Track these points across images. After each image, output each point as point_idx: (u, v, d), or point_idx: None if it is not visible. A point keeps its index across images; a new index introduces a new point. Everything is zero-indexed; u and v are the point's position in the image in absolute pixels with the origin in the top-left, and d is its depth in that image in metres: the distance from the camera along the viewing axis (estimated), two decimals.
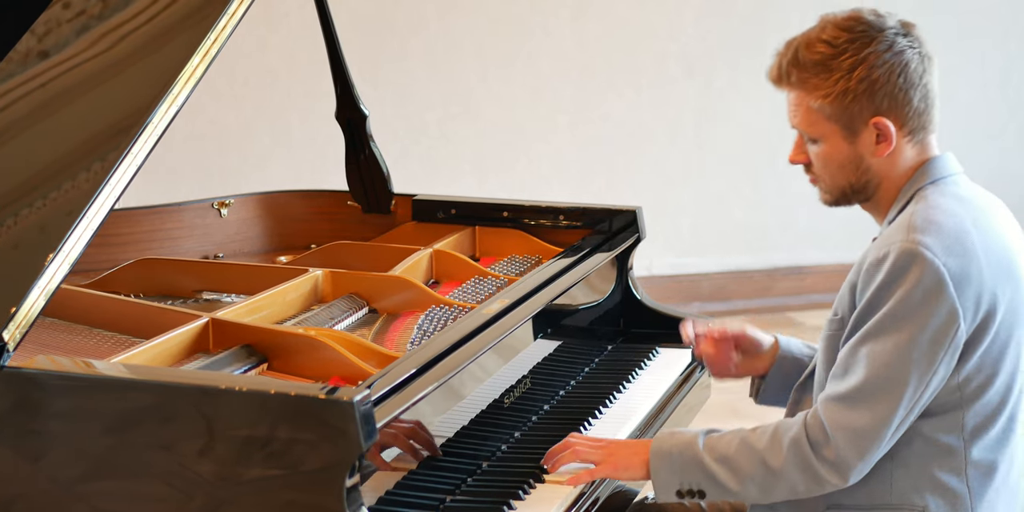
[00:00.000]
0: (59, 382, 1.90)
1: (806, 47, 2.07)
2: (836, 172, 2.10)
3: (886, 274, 1.97)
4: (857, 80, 2.03)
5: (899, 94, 2.04)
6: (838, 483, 2.01)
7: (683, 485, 2.08)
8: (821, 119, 2.07)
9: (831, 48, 2.05)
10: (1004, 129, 6.01)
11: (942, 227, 2.00)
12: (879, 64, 2.03)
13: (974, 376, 2.02)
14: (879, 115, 2.05)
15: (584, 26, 5.47)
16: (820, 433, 2.00)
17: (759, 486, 2.04)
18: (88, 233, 1.98)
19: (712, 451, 2.07)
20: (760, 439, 2.05)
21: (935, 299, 1.95)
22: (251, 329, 2.29)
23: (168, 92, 2.08)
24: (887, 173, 2.10)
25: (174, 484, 1.84)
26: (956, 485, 2.04)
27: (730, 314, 5.65)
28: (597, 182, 5.58)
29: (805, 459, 2.00)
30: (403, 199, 3.18)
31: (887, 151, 2.07)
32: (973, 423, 2.04)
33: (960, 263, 1.97)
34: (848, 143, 2.08)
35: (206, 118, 5.03)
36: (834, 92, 2.04)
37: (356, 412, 1.76)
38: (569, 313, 2.74)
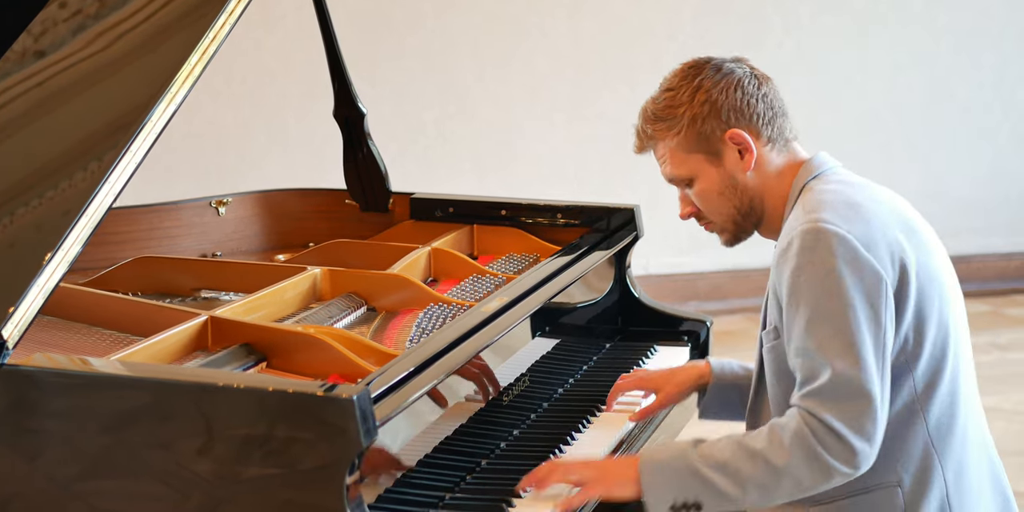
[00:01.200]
0: (57, 380, 1.90)
1: (651, 103, 2.23)
2: (719, 202, 2.19)
3: (797, 257, 2.02)
4: (699, 103, 2.16)
5: (742, 106, 2.15)
6: (849, 471, 2.00)
7: (678, 499, 2.04)
8: (684, 155, 2.19)
9: (669, 91, 2.20)
10: (999, 129, 6.01)
11: (833, 202, 2.07)
12: (713, 86, 2.16)
13: (911, 334, 2.05)
14: (730, 127, 2.15)
15: (581, 24, 5.48)
16: (819, 425, 2.00)
17: (761, 488, 2.02)
18: (86, 232, 1.98)
19: (707, 459, 2.04)
20: (757, 440, 2.03)
21: (855, 266, 2.00)
22: (250, 327, 2.28)
23: (166, 91, 2.07)
24: (764, 186, 2.18)
25: (172, 483, 1.84)
26: (921, 449, 2.07)
27: (727, 313, 5.66)
28: (594, 181, 5.59)
29: (811, 451, 1.99)
30: (401, 197, 3.18)
31: (752, 161, 2.16)
32: (923, 383, 2.07)
33: (862, 227, 2.03)
34: (716, 167, 2.17)
35: (204, 117, 5.03)
36: (684, 123, 2.17)
37: (356, 410, 1.76)
38: (567, 311, 2.74)
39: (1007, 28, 5.92)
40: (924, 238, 2.12)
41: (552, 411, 2.50)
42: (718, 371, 2.41)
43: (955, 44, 5.86)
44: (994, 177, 5.98)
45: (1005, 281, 5.93)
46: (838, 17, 5.69)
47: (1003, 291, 5.86)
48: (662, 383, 2.44)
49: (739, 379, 2.40)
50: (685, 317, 2.98)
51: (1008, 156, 6.03)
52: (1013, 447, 4.20)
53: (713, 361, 2.42)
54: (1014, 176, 6.04)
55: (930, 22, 5.82)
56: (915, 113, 5.88)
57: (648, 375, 2.47)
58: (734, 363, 2.42)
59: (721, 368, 2.41)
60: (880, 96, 5.81)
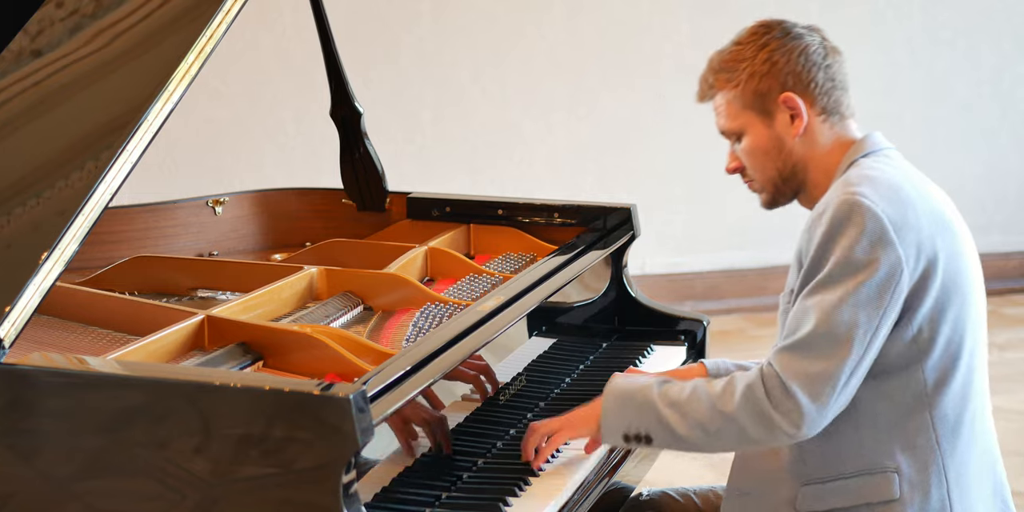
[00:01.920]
0: (53, 379, 1.90)
1: (717, 54, 2.26)
2: (763, 162, 2.22)
3: (827, 226, 2.05)
4: (761, 62, 2.19)
5: (802, 72, 2.18)
6: (791, 431, 2.02)
7: (631, 428, 2.12)
8: (738, 109, 2.21)
9: (738, 45, 2.24)
10: (998, 128, 6.02)
11: (876, 180, 2.09)
12: (779, 47, 2.20)
13: (925, 327, 2.07)
14: (785, 90, 2.18)
15: (577, 24, 5.48)
16: (775, 381, 2.03)
17: (706, 431, 2.07)
18: (83, 231, 1.98)
19: (664, 396, 2.11)
20: (715, 387, 2.09)
21: (878, 245, 2.02)
22: (246, 326, 2.28)
23: (163, 90, 2.07)
24: (809, 155, 2.20)
25: (168, 482, 1.83)
26: (925, 443, 2.08)
27: (724, 312, 5.66)
28: (590, 180, 5.59)
29: (758, 405, 2.03)
30: (398, 197, 3.18)
31: (801, 127, 2.18)
32: (933, 378, 2.08)
33: (897, 210, 2.05)
34: (766, 127, 2.20)
35: (200, 116, 5.03)
36: (743, 78, 2.20)
37: (352, 409, 1.76)
38: (564, 310, 2.74)
39: (1006, 27, 5.93)
40: (958, 238, 2.13)
41: (549, 410, 2.50)
42: (713, 372, 2.41)
43: (954, 43, 5.87)
44: (993, 176, 5.99)
45: (1003, 281, 5.93)
46: (835, 17, 5.69)
47: (1001, 291, 5.87)
48: None
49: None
50: (682, 317, 2.98)
51: (1007, 155, 6.04)
52: (1013, 447, 4.21)
53: (707, 362, 2.43)
54: (1013, 175, 6.05)
55: (929, 21, 5.82)
56: (914, 112, 5.88)
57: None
58: (728, 362, 2.43)
59: (716, 368, 2.41)
60: (879, 95, 5.81)
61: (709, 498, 2.42)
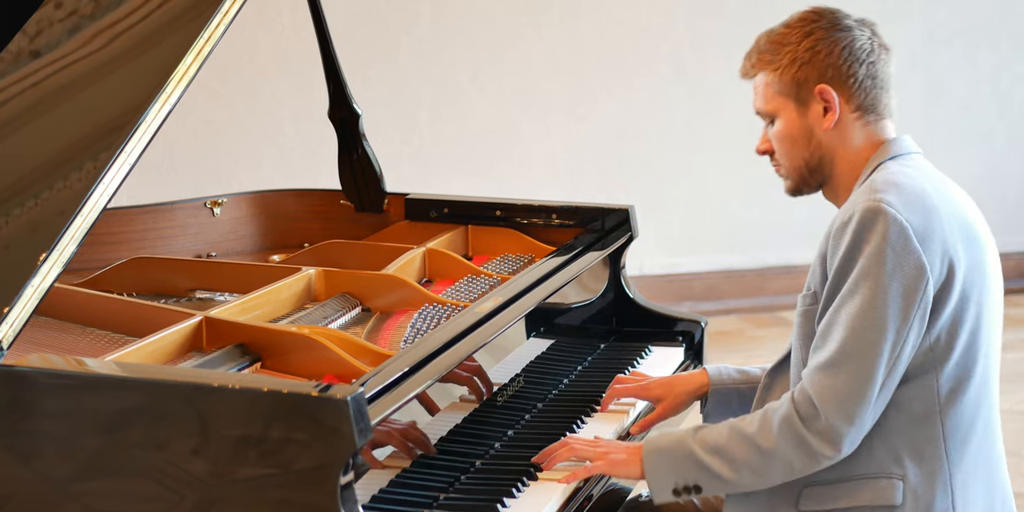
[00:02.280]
0: (52, 380, 1.90)
1: (767, 34, 2.23)
2: (791, 148, 2.20)
3: (852, 234, 2.03)
4: (804, 49, 2.17)
5: (843, 66, 2.16)
6: (832, 454, 2.03)
7: (679, 482, 2.10)
8: (775, 94, 2.20)
9: (786, 28, 2.21)
10: (995, 128, 6.02)
11: (902, 186, 2.07)
12: (825, 37, 2.17)
13: (944, 336, 2.05)
14: (823, 82, 2.16)
15: (575, 25, 5.48)
16: (808, 406, 2.03)
17: (754, 471, 2.06)
18: (81, 232, 1.98)
19: (703, 444, 2.09)
20: (750, 424, 2.08)
21: (903, 254, 2.00)
22: (245, 328, 2.28)
23: (161, 91, 2.07)
24: (838, 149, 2.18)
25: (167, 483, 1.83)
26: (933, 452, 2.07)
27: (722, 313, 5.66)
28: (588, 181, 5.59)
29: (797, 434, 2.02)
30: (396, 198, 3.18)
31: (833, 120, 2.17)
32: (947, 388, 2.07)
33: (922, 219, 2.03)
34: (799, 115, 2.18)
35: (198, 117, 5.03)
36: (783, 63, 2.18)
37: (350, 410, 1.76)
38: (562, 312, 2.74)
39: (1004, 27, 5.93)
40: (981, 246, 2.12)
41: (547, 411, 2.50)
42: (715, 378, 2.41)
43: (952, 43, 5.87)
44: (991, 176, 5.99)
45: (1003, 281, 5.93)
46: None
47: None
48: (662, 393, 2.44)
49: (737, 383, 2.40)
50: (680, 318, 2.98)
51: (1005, 155, 6.04)
52: (1012, 448, 4.20)
53: (710, 368, 2.43)
54: (1011, 175, 6.05)
55: (927, 21, 5.83)
56: (912, 112, 5.88)
57: (647, 384, 2.47)
58: (730, 368, 2.43)
59: (719, 374, 2.41)
60: None
61: (708, 499, 2.42)
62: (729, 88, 5.63)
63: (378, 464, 2.05)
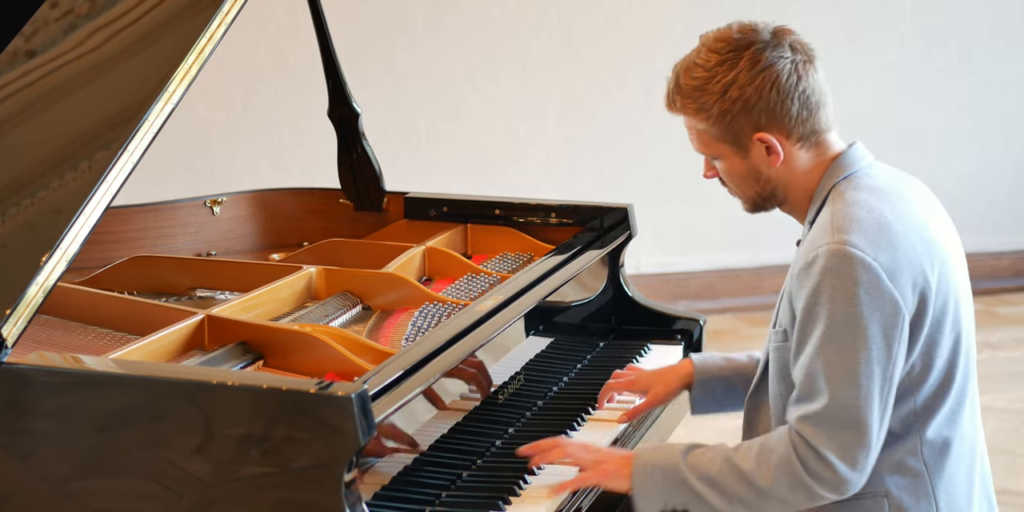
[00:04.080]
0: (51, 378, 1.90)
1: (685, 73, 2.12)
2: (741, 184, 2.16)
3: (818, 277, 1.98)
4: (731, 101, 2.07)
5: (775, 107, 2.07)
6: (832, 496, 2.01)
7: (667, 505, 2.07)
8: (711, 140, 2.12)
9: (705, 71, 2.10)
10: (990, 128, 6.03)
11: (863, 223, 2.01)
12: (748, 82, 2.07)
13: (918, 361, 2.04)
14: (760, 131, 2.08)
15: (572, 25, 5.49)
16: (808, 452, 1.99)
17: (747, 506, 2.04)
18: (84, 232, 1.97)
19: (695, 470, 2.05)
20: (745, 459, 2.04)
21: (876, 295, 1.96)
22: (246, 326, 2.29)
23: (163, 90, 2.07)
24: (789, 179, 2.13)
25: (167, 482, 1.83)
26: (914, 465, 2.06)
27: (718, 312, 5.67)
28: (586, 181, 5.60)
29: (797, 478, 2.00)
30: (395, 197, 3.18)
31: (778, 162, 2.11)
32: (924, 404, 2.06)
33: (889, 255, 1.99)
34: (741, 159, 2.12)
35: (196, 116, 5.03)
36: (713, 114, 2.09)
37: (354, 408, 1.77)
38: (561, 310, 2.75)
39: (997, 27, 5.94)
40: (948, 260, 2.07)
41: (547, 409, 2.51)
42: (699, 366, 2.41)
43: (945, 43, 5.88)
44: (985, 176, 6.00)
45: (996, 280, 5.95)
46: (827, 17, 5.70)
47: (994, 290, 5.88)
48: (652, 383, 2.45)
49: (722, 371, 2.40)
50: (678, 316, 2.99)
51: (999, 155, 6.05)
52: (1003, 445, 4.23)
53: (695, 357, 2.42)
54: (1005, 175, 6.06)
55: (920, 22, 5.83)
56: (906, 113, 5.89)
57: (639, 377, 2.47)
58: (716, 356, 2.42)
59: (703, 362, 2.40)
60: (870, 96, 5.82)
61: None
62: None
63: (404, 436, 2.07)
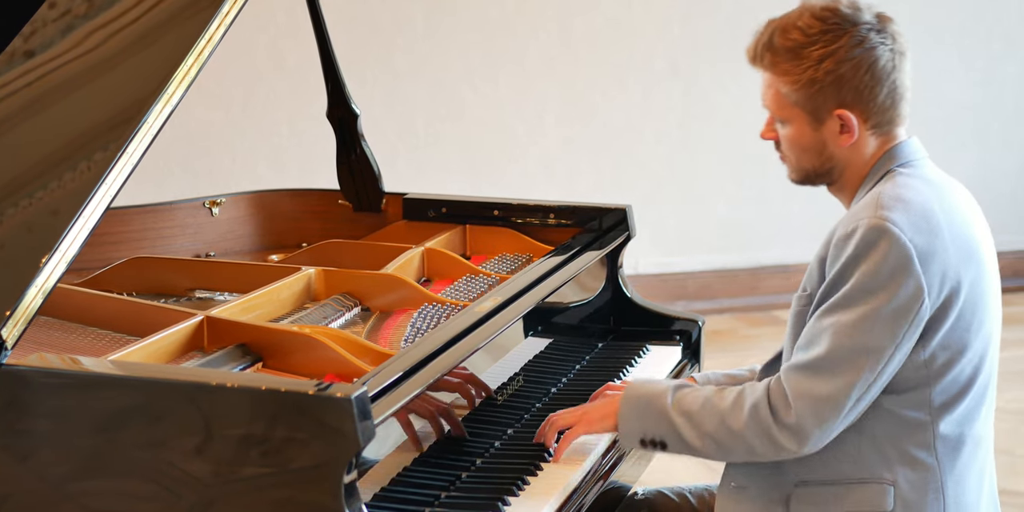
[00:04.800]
0: (50, 380, 1.90)
1: (781, 32, 2.11)
2: (801, 155, 2.16)
3: (854, 248, 2.01)
4: (824, 72, 2.07)
5: (864, 89, 2.08)
6: (794, 449, 2.05)
7: (647, 434, 2.14)
8: (788, 104, 2.12)
9: (804, 36, 2.09)
10: (988, 128, 6.03)
11: (909, 204, 2.04)
12: (847, 59, 2.07)
13: (940, 353, 2.05)
14: (843, 107, 2.10)
15: (570, 26, 5.49)
16: (781, 399, 2.04)
17: (718, 445, 2.09)
18: (84, 233, 1.97)
19: (678, 405, 2.12)
20: (724, 400, 2.10)
21: (901, 274, 1.99)
22: (246, 327, 2.29)
23: (163, 92, 2.06)
24: (849, 161, 2.15)
25: (166, 483, 1.83)
26: (925, 458, 2.07)
27: (716, 312, 5.67)
28: (584, 181, 5.60)
29: (764, 424, 2.05)
30: (394, 198, 3.18)
31: (849, 142, 2.12)
32: (940, 400, 2.07)
33: (926, 240, 2.01)
34: (813, 129, 2.13)
35: (194, 117, 5.03)
36: (802, 80, 2.09)
37: (354, 409, 1.77)
38: (560, 311, 2.75)
39: (996, 27, 5.95)
40: (983, 265, 2.09)
41: (546, 410, 2.50)
42: (703, 383, 2.41)
43: (945, 43, 5.88)
44: (984, 176, 6.00)
45: None
46: None
47: None
48: None
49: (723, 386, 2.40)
50: (677, 317, 2.99)
51: (999, 155, 6.05)
52: (1002, 445, 4.21)
53: (697, 376, 2.43)
54: (1005, 175, 6.06)
55: (919, 22, 5.83)
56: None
57: None
58: (718, 373, 2.44)
59: (707, 380, 2.41)
60: None
61: (704, 498, 2.43)
62: (724, 88, 5.64)
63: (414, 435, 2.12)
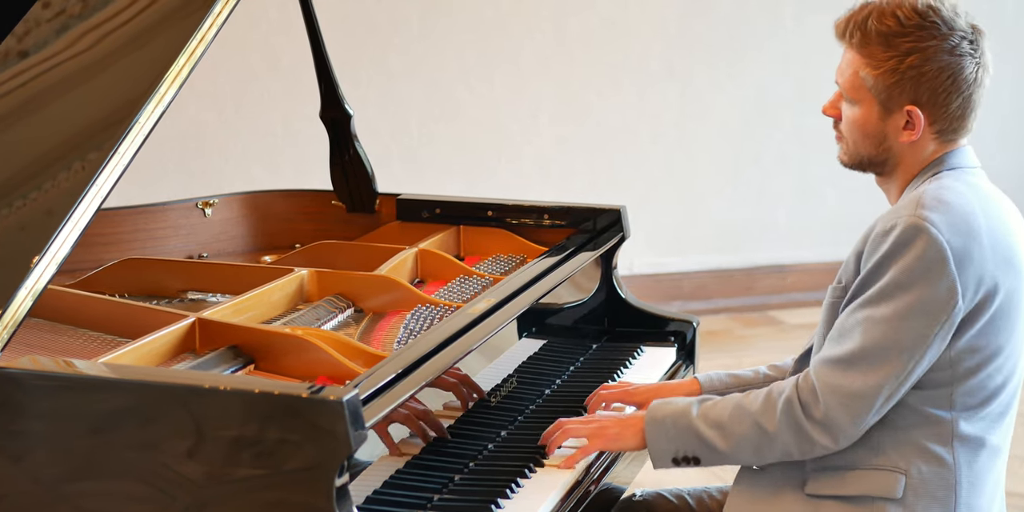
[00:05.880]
0: (42, 382, 1.89)
1: (878, 16, 2.13)
2: (860, 139, 2.17)
3: (891, 245, 2.02)
4: (908, 66, 2.10)
5: (941, 93, 2.11)
6: (828, 445, 2.05)
7: (679, 452, 2.14)
8: (863, 87, 2.14)
9: (900, 26, 2.11)
10: (982, 128, 6.02)
11: (950, 206, 2.05)
12: (935, 59, 2.10)
13: (966, 356, 2.06)
14: (915, 105, 2.11)
15: (565, 26, 5.48)
16: (810, 394, 2.05)
17: (754, 448, 2.10)
18: (75, 234, 1.97)
19: (706, 418, 2.12)
20: (754, 402, 2.10)
21: (936, 274, 2.00)
22: (238, 329, 2.28)
23: (155, 91, 2.06)
24: (905, 158, 2.16)
25: (159, 485, 1.83)
26: (942, 454, 2.08)
27: (711, 313, 5.67)
28: (579, 182, 5.59)
29: (796, 420, 2.06)
30: (387, 199, 3.18)
31: (911, 139, 2.13)
32: (963, 402, 2.08)
33: (963, 242, 2.02)
34: (879, 118, 2.14)
35: (187, 117, 5.02)
36: (884, 68, 2.11)
37: (345, 412, 1.76)
38: (554, 312, 2.74)
39: (991, 29, 5.94)
40: (1020, 272, 2.09)
41: (540, 412, 2.50)
42: (707, 385, 2.41)
43: None
44: None
45: None
46: (822, 17, 5.70)
47: None
48: (649, 397, 2.44)
49: (728, 388, 2.41)
50: (672, 318, 2.98)
51: (992, 155, 6.04)
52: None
53: (700, 376, 2.43)
54: (999, 175, 6.03)
55: None
56: None
57: (634, 389, 2.47)
58: (721, 373, 2.43)
59: (710, 381, 2.41)
60: None
61: (703, 499, 2.42)
62: (720, 88, 5.64)
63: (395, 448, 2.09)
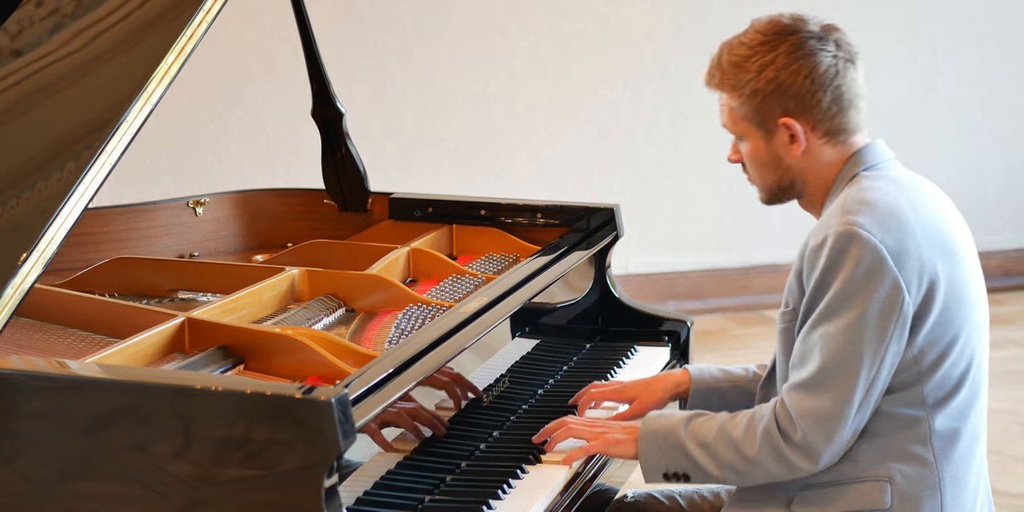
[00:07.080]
0: (32, 382, 1.89)
1: (728, 50, 2.17)
2: (761, 170, 2.19)
3: (827, 258, 2.03)
4: (765, 81, 2.11)
5: (806, 96, 2.11)
6: (809, 468, 2.07)
7: (669, 468, 2.15)
8: (740, 118, 2.16)
9: (747, 49, 2.14)
10: (979, 128, 6.03)
11: (875, 206, 2.06)
12: (785, 65, 2.11)
13: (928, 350, 2.06)
14: (788, 116, 2.12)
15: (559, 24, 5.47)
16: (787, 421, 2.06)
17: (737, 473, 2.11)
18: (62, 232, 1.97)
19: (694, 437, 2.13)
20: (737, 427, 2.11)
21: (877, 276, 2.01)
22: (228, 329, 2.27)
23: (143, 90, 2.07)
24: (808, 173, 2.16)
25: (150, 485, 1.83)
26: (922, 453, 2.09)
27: (706, 312, 5.66)
28: (573, 181, 5.58)
29: (776, 447, 2.07)
30: (380, 197, 3.17)
31: (799, 151, 2.14)
32: (934, 396, 2.08)
33: (896, 239, 2.03)
34: (765, 142, 2.16)
35: (180, 116, 5.01)
36: (746, 92, 2.13)
37: (334, 412, 1.75)
38: (547, 311, 2.73)
39: (986, 26, 5.94)
40: (959, 258, 2.11)
41: (532, 412, 2.49)
42: (697, 377, 2.41)
43: (934, 43, 5.87)
44: (973, 176, 6.00)
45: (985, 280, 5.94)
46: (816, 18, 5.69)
47: None
48: (639, 392, 2.44)
49: (719, 382, 2.41)
50: (665, 317, 2.97)
51: (988, 155, 6.05)
52: (992, 446, 4.19)
53: (691, 368, 2.42)
54: (993, 175, 6.05)
55: (909, 21, 5.83)
56: (895, 112, 5.89)
57: (623, 387, 2.46)
58: (712, 368, 2.43)
59: (700, 373, 2.41)
60: None
61: (695, 501, 2.42)
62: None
63: (388, 446, 2.08)
